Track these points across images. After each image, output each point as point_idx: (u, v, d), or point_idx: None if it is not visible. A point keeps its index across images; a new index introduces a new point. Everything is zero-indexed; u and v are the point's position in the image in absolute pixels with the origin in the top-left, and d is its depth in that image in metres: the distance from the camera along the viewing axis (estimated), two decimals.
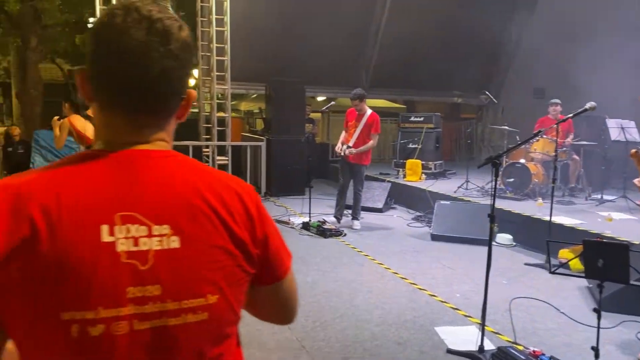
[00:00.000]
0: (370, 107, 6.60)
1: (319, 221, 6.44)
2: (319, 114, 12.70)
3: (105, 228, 0.79)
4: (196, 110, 9.71)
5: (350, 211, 6.88)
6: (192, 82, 18.91)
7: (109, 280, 0.78)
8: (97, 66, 0.86)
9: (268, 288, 0.98)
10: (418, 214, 7.56)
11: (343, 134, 6.62)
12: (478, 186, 7.76)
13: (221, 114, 9.17)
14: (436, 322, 3.77)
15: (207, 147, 8.92)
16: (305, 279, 4.60)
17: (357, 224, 6.67)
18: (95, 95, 0.88)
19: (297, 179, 8.83)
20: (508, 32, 12.48)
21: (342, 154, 6.39)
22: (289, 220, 6.86)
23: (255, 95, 16.63)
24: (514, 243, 6.05)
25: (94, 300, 0.77)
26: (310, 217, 6.64)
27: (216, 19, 8.81)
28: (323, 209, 7.74)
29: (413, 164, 8.84)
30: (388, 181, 8.59)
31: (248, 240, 0.90)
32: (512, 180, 7.10)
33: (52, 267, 0.76)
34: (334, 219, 6.72)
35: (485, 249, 3.34)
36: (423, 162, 9.00)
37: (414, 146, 9.40)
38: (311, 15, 10.53)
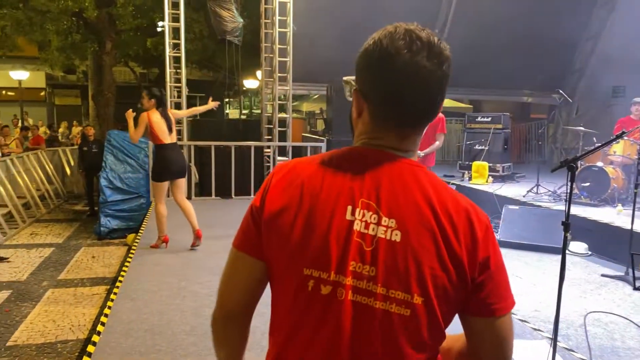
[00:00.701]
0: None
1: None
2: None
3: (349, 208, 0.94)
4: (258, 111, 9.85)
5: None
6: (254, 83, 19.30)
7: (342, 251, 0.93)
8: (380, 89, 0.97)
9: (479, 321, 0.98)
10: None
11: None
12: (549, 190, 7.32)
13: (282, 115, 9.23)
14: None
15: (268, 147, 9.01)
16: None
17: None
18: (371, 111, 1.00)
19: None
20: (586, 28, 11.74)
21: None
22: None
23: (316, 96, 16.70)
24: (590, 252, 5.64)
25: (328, 264, 0.93)
26: None
27: (279, 20, 8.86)
28: None
29: (479, 166, 8.48)
30: (452, 184, 8.30)
31: (465, 259, 0.93)
32: (587, 184, 6.63)
33: (306, 228, 0.94)
34: None
35: (557, 257, 3.10)
36: (490, 164, 8.62)
37: (480, 147, 9.02)
38: (374, 14, 10.39)
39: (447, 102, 16.08)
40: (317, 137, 10.15)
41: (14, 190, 8.93)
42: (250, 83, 19.47)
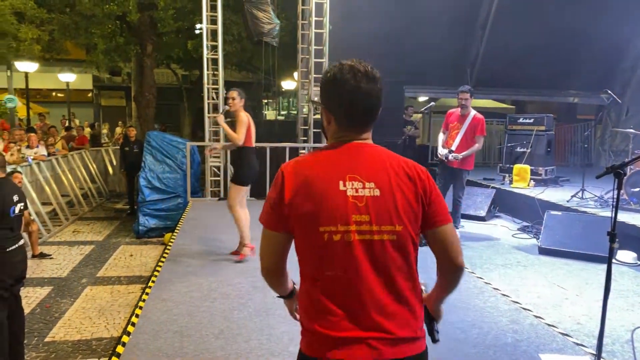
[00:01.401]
0: (476, 108, 6.20)
1: None
2: (419, 115, 12.29)
3: (341, 182, 1.47)
4: (294, 112, 9.84)
5: None
6: (292, 85, 19.39)
7: (343, 210, 1.45)
8: (340, 106, 1.54)
9: (431, 232, 1.55)
10: (525, 224, 6.97)
11: (441, 136, 6.26)
12: (595, 195, 6.97)
13: (318, 116, 9.15)
14: (542, 349, 3.36)
15: (303, 148, 8.97)
16: None
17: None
18: (336, 120, 1.56)
19: None
20: (638, 25, 11.17)
21: (445, 159, 6.00)
22: None
23: None
24: (639, 262, 5.33)
25: (336, 220, 1.45)
26: None
27: (315, 20, 8.81)
28: None
29: (521, 169, 8.18)
30: (492, 187, 8.03)
31: (421, 194, 1.51)
32: (638, 190, 6.27)
33: (315, 202, 1.45)
34: None
35: (603, 266, 2.91)
36: (532, 168, 8.30)
37: (522, 150, 8.69)
38: (413, 12, 10.21)
39: (488, 103, 15.61)
40: None
41: (58, 188, 9.24)
42: (287, 84, 19.53)
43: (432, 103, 6.97)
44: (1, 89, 21.63)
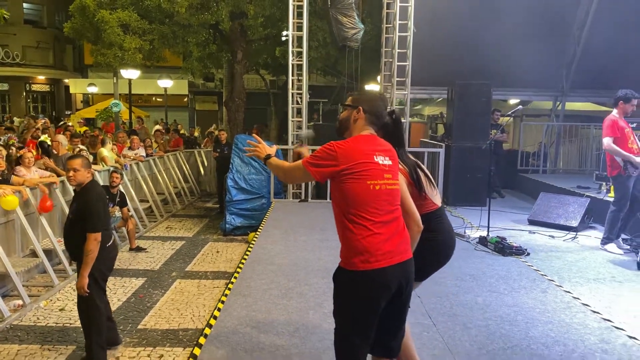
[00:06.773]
0: (570, 111, 5.92)
1: (498, 237, 5.90)
2: (506, 119, 11.77)
3: (374, 157, 2.35)
4: None
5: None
6: (376, 88, 19.38)
7: (380, 172, 2.34)
8: (373, 112, 2.50)
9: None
10: (623, 236, 6.44)
11: (614, 145, 5.88)
12: None
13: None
14: None
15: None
16: (475, 299, 4.23)
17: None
18: (366, 119, 2.48)
19: (478, 189, 8.30)
20: None
21: None
22: (464, 233, 6.43)
23: (440, 99, 16.22)
24: None
25: (376, 178, 2.31)
26: (488, 231, 6.14)
27: (400, 24, 8.76)
28: (505, 222, 7.09)
29: None
30: (587, 196, 7.51)
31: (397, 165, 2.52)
32: None
33: (363, 167, 2.30)
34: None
35: None
36: None
37: None
38: (500, 12, 9.83)
39: (586, 106, 14.59)
40: (436, 142, 9.84)
41: (155, 187, 9.93)
42: (370, 88, 19.53)
43: (520, 107, 6.66)
44: (108, 95, 23.64)
